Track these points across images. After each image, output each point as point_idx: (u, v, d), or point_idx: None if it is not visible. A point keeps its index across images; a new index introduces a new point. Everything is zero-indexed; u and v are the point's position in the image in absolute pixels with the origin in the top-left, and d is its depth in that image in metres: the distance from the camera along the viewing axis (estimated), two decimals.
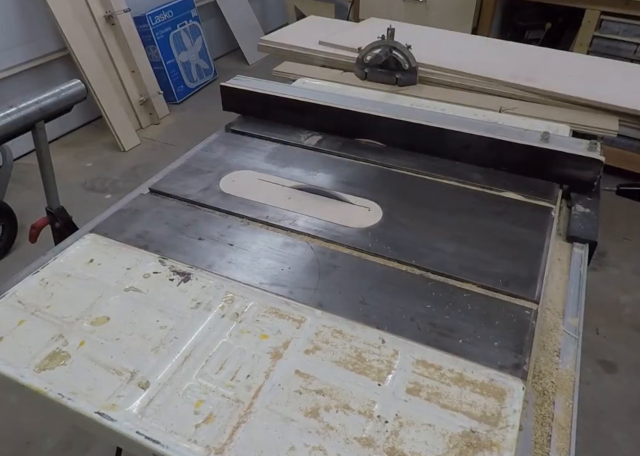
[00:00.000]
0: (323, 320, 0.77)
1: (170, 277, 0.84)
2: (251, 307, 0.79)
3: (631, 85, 1.37)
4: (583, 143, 1.09)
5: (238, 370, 0.70)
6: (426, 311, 0.79)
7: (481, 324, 0.77)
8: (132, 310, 0.78)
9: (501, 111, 1.31)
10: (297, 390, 0.67)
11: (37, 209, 1.86)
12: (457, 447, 0.61)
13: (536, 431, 0.65)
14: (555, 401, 0.69)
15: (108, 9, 3.08)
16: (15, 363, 0.70)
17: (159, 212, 0.99)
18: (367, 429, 0.63)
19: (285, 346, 0.73)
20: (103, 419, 0.64)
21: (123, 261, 0.87)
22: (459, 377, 0.69)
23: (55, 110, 1.37)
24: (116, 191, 2.77)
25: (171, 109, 3.55)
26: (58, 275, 0.84)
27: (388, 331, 0.75)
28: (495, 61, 1.48)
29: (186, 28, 3.73)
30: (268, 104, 1.28)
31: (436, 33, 1.75)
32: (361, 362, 0.71)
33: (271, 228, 0.97)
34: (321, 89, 1.40)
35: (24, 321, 0.76)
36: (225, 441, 0.62)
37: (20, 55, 2.84)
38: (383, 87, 1.44)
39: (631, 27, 2.48)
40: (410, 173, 1.13)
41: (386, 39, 1.42)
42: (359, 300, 0.81)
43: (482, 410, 0.65)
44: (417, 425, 0.64)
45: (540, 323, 0.79)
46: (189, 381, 0.68)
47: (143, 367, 0.70)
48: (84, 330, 0.75)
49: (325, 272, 0.86)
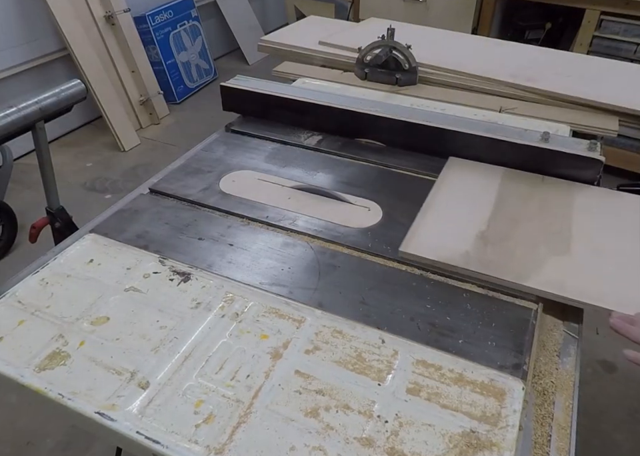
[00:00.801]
0: (322, 320, 0.77)
1: (170, 277, 0.84)
2: (250, 307, 0.79)
3: (631, 85, 1.37)
4: (582, 142, 1.09)
5: (238, 370, 0.70)
6: (426, 311, 0.79)
7: (481, 324, 0.77)
8: (132, 310, 0.78)
9: (501, 110, 1.31)
10: (297, 390, 0.67)
11: (37, 209, 1.86)
12: (457, 446, 0.61)
13: (536, 430, 0.65)
14: (555, 400, 0.69)
15: (108, 9, 3.08)
16: (15, 362, 0.70)
17: (159, 212, 0.99)
18: (366, 428, 0.63)
19: (284, 346, 0.73)
20: (102, 418, 0.64)
21: (123, 261, 0.87)
22: (458, 377, 0.69)
23: (55, 110, 1.37)
24: (116, 191, 2.77)
25: (170, 109, 3.55)
26: (58, 275, 0.84)
27: (388, 331, 0.75)
28: (495, 61, 1.48)
29: (186, 28, 3.73)
30: (268, 104, 1.28)
31: (436, 33, 1.75)
32: (360, 362, 0.71)
33: (271, 228, 0.97)
34: (320, 89, 1.40)
35: (24, 320, 0.77)
36: (225, 440, 0.62)
37: (20, 55, 2.84)
38: (383, 86, 1.44)
39: (630, 26, 2.47)
40: (410, 173, 1.13)
41: (386, 38, 1.42)
42: (359, 300, 0.81)
43: (482, 410, 0.65)
44: (417, 424, 0.64)
45: (540, 323, 0.79)
46: (188, 381, 0.68)
47: (143, 367, 0.70)
48: (84, 330, 0.75)
49: (325, 272, 0.86)
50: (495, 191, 1.01)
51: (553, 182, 1.05)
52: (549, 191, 1.02)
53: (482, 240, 0.89)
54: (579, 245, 0.88)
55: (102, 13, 3.08)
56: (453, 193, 1.02)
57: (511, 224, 0.93)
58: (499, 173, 1.07)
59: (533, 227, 0.92)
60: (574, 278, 0.82)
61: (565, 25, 2.94)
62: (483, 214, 0.95)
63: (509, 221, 0.94)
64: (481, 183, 1.04)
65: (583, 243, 0.89)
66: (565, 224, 0.93)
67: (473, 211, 0.96)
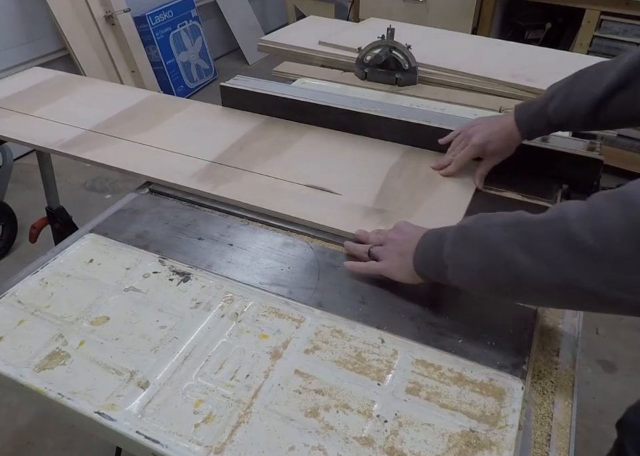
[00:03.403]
0: (322, 320, 0.77)
1: (170, 277, 0.84)
2: (250, 307, 0.79)
3: None
4: (582, 142, 1.09)
5: (237, 370, 0.70)
6: (425, 311, 0.79)
7: (481, 324, 0.77)
8: (132, 310, 0.78)
9: (501, 110, 1.31)
10: (297, 390, 0.67)
11: (36, 209, 1.86)
12: (457, 446, 0.62)
13: (535, 430, 0.65)
14: (555, 400, 0.69)
15: (108, 9, 3.08)
16: (15, 362, 0.70)
17: (159, 212, 0.99)
18: (366, 428, 0.63)
19: (284, 346, 0.73)
20: (102, 418, 0.64)
21: (123, 261, 0.87)
22: (458, 377, 0.69)
23: None
24: (116, 191, 2.77)
25: None
26: (58, 275, 0.84)
27: (387, 331, 0.75)
28: (495, 61, 1.48)
29: (186, 28, 3.73)
30: (268, 104, 1.28)
31: (436, 33, 1.75)
32: (360, 362, 0.71)
33: (271, 228, 0.97)
34: (320, 89, 1.40)
35: (24, 320, 0.77)
36: (225, 440, 0.62)
37: (20, 55, 2.84)
38: (383, 86, 1.44)
39: (630, 26, 2.47)
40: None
41: (386, 39, 1.42)
42: (359, 300, 0.81)
43: (481, 409, 0.65)
44: (417, 424, 0.64)
45: (540, 323, 0.79)
46: (188, 381, 0.68)
47: (143, 366, 0.70)
48: (84, 330, 0.75)
49: (325, 272, 0.86)
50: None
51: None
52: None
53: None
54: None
55: (102, 13, 3.08)
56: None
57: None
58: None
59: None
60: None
61: (565, 25, 2.94)
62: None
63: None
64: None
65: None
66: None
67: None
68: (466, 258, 0.67)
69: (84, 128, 1.24)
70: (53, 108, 1.34)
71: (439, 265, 0.71)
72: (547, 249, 0.58)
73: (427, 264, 0.74)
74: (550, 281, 0.58)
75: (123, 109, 1.33)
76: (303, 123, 1.26)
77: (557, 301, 0.65)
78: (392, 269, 0.80)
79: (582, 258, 0.55)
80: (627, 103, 0.86)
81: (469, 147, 1.03)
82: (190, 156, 1.14)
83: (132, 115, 1.30)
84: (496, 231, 0.64)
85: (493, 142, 1.01)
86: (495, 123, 1.03)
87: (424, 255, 0.74)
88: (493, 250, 0.63)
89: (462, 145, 1.06)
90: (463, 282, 0.70)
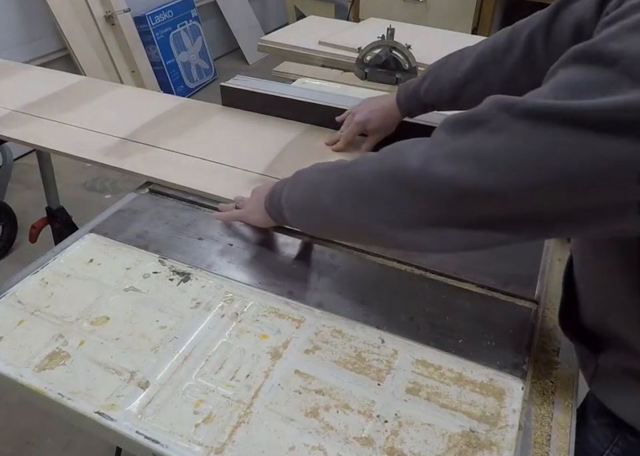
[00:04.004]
0: (322, 320, 0.77)
1: (170, 277, 0.84)
2: (250, 307, 0.79)
3: None
4: None
5: (237, 370, 0.70)
6: (425, 311, 0.79)
7: (481, 324, 0.77)
8: (132, 310, 0.78)
9: None
10: (297, 390, 0.67)
11: (36, 209, 1.86)
12: (457, 446, 0.62)
13: (535, 430, 0.65)
14: (555, 400, 0.69)
15: (108, 9, 3.08)
16: (15, 362, 0.70)
17: (159, 212, 0.99)
18: (366, 428, 0.63)
19: (284, 346, 0.73)
20: (102, 418, 0.64)
21: (123, 260, 0.87)
22: (458, 377, 0.69)
23: None
24: (116, 191, 2.77)
25: None
26: (58, 275, 0.84)
27: (387, 331, 0.75)
28: None
29: (186, 28, 3.73)
30: (268, 104, 1.28)
31: (436, 33, 1.75)
32: (360, 362, 0.71)
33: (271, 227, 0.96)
34: (320, 89, 1.40)
35: (24, 320, 0.77)
36: (225, 440, 0.62)
37: (20, 55, 2.84)
38: (383, 86, 1.44)
39: None
40: None
41: (386, 39, 1.42)
42: (359, 300, 0.81)
43: (481, 409, 0.65)
44: (417, 424, 0.64)
45: (540, 323, 0.79)
46: (188, 381, 0.68)
47: (143, 366, 0.70)
48: (84, 330, 0.75)
49: (325, 272, 0.86)
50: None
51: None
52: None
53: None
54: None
55: (102, 13, 3.08)
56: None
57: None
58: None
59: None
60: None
61: None
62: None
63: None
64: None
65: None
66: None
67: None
68: (295, 200, 0.74)
69: (9, 109, 1.32)
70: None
71: (279, 207, 0.77)
72: (342, 191, 0.64)
73: (272, 206, 0.80)
74: (347, 221, 0.64)
75: (50, 93, 1.40)
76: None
77: (362, 239, 0.74)
78: (248, 213, 0.88)
79: (365, 200, 0.60)
80: (477, 93, 0.89)
81: (352, 125, 1.10)
82: (102, 132, 1.23)
83: (57, 97, 1.39)
84: (316, 175, 0.70)
85: (372, 120, 1.08)
86: (377, 102, 1.10)
87: (272, 198, 0.80)
88: (312, 192, 0.69)
89: (347, 123, 1.13)
90: (296, 222, 0.77)
